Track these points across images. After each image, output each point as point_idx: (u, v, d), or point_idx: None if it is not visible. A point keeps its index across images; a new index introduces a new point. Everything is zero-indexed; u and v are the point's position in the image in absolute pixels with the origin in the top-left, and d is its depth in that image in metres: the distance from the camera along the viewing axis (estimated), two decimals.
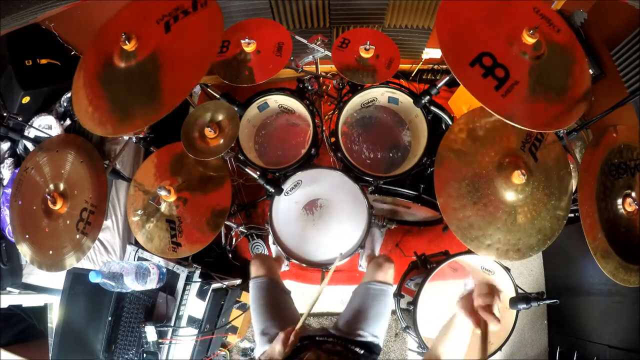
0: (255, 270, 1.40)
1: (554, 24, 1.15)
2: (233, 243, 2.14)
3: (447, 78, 1.31)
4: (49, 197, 1.23)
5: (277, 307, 1.30)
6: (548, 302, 1.19)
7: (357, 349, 1.12)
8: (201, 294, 1.61)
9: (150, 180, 1.39)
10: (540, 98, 1.07)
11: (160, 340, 1.49)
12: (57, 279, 1.73)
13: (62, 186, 1.27)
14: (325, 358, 1.00)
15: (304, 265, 1.50)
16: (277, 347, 0.99)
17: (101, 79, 1.21)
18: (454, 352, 0.86)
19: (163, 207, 1.33)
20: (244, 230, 2.05)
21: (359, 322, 1.21)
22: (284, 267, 1.77)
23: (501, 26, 1.11)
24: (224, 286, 1.74)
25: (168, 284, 1.57)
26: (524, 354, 2.09)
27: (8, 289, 1.80)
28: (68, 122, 1.74)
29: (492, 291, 0.81)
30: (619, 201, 1.13)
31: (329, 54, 1.58)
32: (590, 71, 1.72)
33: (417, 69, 2.34)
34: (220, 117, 1.32)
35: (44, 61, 1.84)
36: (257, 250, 2.08)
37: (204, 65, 1.14)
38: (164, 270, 1.56)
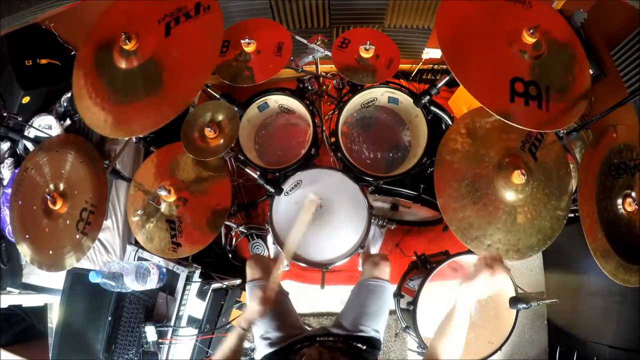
0: (251, 273, 1.39)
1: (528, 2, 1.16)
2: (233, 243, 2.14)
3: (447, 78, 1.31)
4: (49, 197, 1.23)
5: (276, 310, 1.29)
6: (548, 302, 1.19)
7: (360, 345, 1.11)
8: (201, 294, 1.61)
9: (150, 180, 1.39)
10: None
11: (160, 340, 1.49)
12: (57, 279, 1.73)
13: (62, 186, 1.27)
14: (327, 355, 0.99)
15: (304, 265, 1.50)
16: (255, 306, 1.00)
17: (101, 79, 1.21)
18: (452, 348, 0.86)
19: (163, 207, 1.33)
20: (244, 230, 2.05)
21: (359, 319, 1.22)
22: (284, 267, 1.77)
23: (501, 26, 1.11)
24: (224, 286, 1.74)
25: (168, 284, 1.57)
26: (524, 354, 2.09)
27: (8, 289, 1.79)
28: (68, 122, 1.74)
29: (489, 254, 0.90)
30: (619, 201, 1.13)
31: (329, 54, 1.58)
32: (590, 71, 1.72)
33: (417, 69, 2.34)
34: (220, 117, 1.32)
35: (44, 61, 1.83)
36: (257, 250, 2.08)
37: (201, 79, 1.15)
38: (164, 270, 1.56)
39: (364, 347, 1.11)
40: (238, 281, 1.89)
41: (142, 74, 1.16)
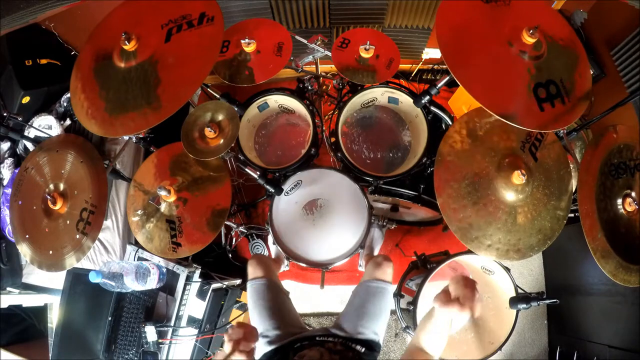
0: (252, 271, 1.39)
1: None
2: (233, 243, 2.14)
3: (447, 78, 1.30)
4: (49, 197, 1.23)
5: (276, 308, 1.30)
6: (548, 302, 1.19)
7: (358, 347, 1.11)
8: (201, 294, 1.61)
9: (150, 180, 1.39)
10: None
11: (160, 340, 1.49)
12: (57, 279, 1.73)
13: (62, 186, 1.27)
14: (327, 356, 1.00)
15: (304, 265, 1.50)
16: (226, 346, 0.89)
17: (98, 76, 1.21)
18: (434, 342, 0.86)
19: (163, 207, 1.33)
20: (244, 230, 2.05)
21: (359, 320, 1.21)
22: (284, 267, 1.77)
23: (501, 26, 1.11)
24: (224, 286, 1.74)
25: (168, 284, 1.57)
26: (524, 354, 2.09)
27: (8, 289, 1.80)
28: (68, 122, 1.74)
29: (466, 282, 0.79)
30: (619, 201, 1.13)
31: (329, 54, 1.58)
32: (591, 71, 1.72)
33: (417, 69, 2.34)
34: (220, 117, 1.32)
35: (44, 61, 1.83)
36: (257, 250, 2.08)
37: (194, 85, 1.15)
38: (164, 270, 1.56)
39: (363, 350, 1.11)
40: (238, 281, 1.90)
41: (136, 76, 1.16)
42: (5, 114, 1.45)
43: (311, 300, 2.15)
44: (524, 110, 1.05)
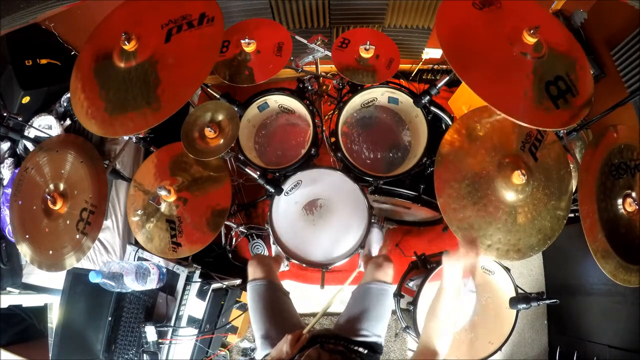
0: (252, 272, 1.39)
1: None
2: (233, 243, 2.14)
3: (447, 78, 1.31)
4: (49, 197, 1.23)
5: (277, 310, 1.30)
6: (548, 302, 1.19)
7: (360, 349, 1.11)
8: (201, 294, 1.61)
9: (150, 180, 1.39)
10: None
11: (160, 340, 1.49)
12: (57, 279, 1.73)
13: (62, 186, 1.27)
14: (327, 357, 1.00)
15: (304, 265, 1.50)
16: (285, 347, 1.00)
17: (98, 76, 1.21)
18: (444, 327, 0.86)
19: (163, 207, 1.33)
20: (244, 230, 2.05)
21: (360, 322, 1.21)
22: (284, 267, 1.77)
23: (500, 28, 1.11)
24: (224, 286, 1.74)
25: (168, 284, 1.57)
26: (524, 354, 2.09)
27: (8, 289, 1.80)
28: (68, 122, 1.74)
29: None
30: (619, 201, 1.13)
31: (329, 54, 1.58)
32: (591, 71, 1.73)
33: (417, 69, 2.34)
34: (220, 117, 1.32)
35: (44, 61, 1.84)
36: (257, 250, 2.08)
37: (194, 85, 1.15)
38: (164, 270, 1.56)
39: (365, 352, 1.11)
40: (238, 281, 1.90)
41: (136, 76, 1.16)
42: (5, 114, 1.45)
43: (311, 300, 2.15)
44: (527, 110, 1.04)
